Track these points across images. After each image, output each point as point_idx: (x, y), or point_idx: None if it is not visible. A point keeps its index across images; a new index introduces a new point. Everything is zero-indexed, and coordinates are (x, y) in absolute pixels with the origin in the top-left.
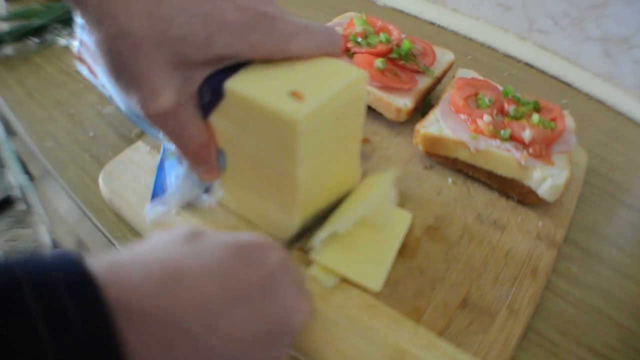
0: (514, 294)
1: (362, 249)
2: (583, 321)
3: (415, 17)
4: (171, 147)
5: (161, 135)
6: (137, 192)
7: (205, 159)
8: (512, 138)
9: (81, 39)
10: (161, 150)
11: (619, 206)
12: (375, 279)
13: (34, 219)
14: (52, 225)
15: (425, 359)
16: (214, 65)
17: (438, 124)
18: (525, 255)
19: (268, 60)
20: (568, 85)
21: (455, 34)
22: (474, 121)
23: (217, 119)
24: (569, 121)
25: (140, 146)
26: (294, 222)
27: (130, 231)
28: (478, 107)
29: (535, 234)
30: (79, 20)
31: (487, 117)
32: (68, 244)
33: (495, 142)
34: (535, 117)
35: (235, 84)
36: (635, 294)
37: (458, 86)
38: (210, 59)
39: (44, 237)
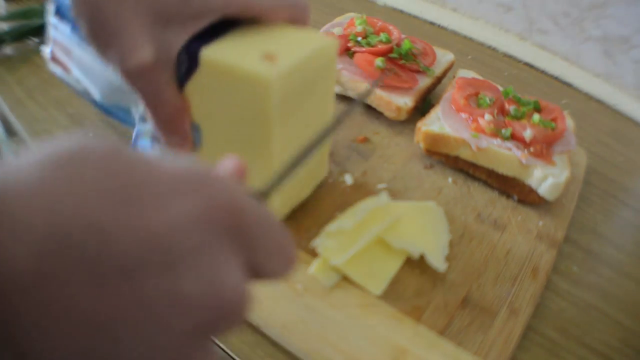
0: (515, 293)
1: (369, 250)
2: (583, 321)
3: (416, 17)
4: (144, 128)
5: (136, 118)
6: None
7: (179, 127)
8: (513, 137)
9: (54, 38)
10: (134, 132)
11: (619, 206)
12: (377, 283)
13: None
14: None
15: (426, 358)
16: (191, 26)
17: (439, 122)
18: (526, 255)
19: (243, 30)
20: (568, 85)
21: (456, 34)
22: (475, 120)
23: (193, 90)
24: (569, 121)
25: None
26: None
27: None
28: (479, 106)
29: (536, 233)
30: (51, 19)
31: (488, 116)
32: None
33: (497, 141)
34: (536, 117)
35: (210, 52)
36: (636, 294)
37: (459, 85)
38: (187, 15)
39: None
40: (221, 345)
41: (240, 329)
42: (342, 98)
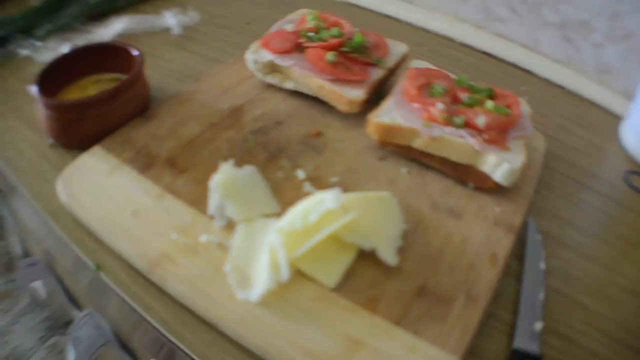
0: (472, 280)
1: (322, 244)
2: (546, 305)
3: (372, 11)
4: None
5: None
6: (93, 196)
7: None
8: (467, 125)
9: None
10: None
11: (581, 189)
12: (331, 276)
13: (6, 231)
14: (22, 236)
15: (382, 348)
16: None
17: (391, 113)
18: (483, 242)
19: None
20: (527, 72)
21: (412, 26)
22: (427, 109)
23: None
24: (525, 107)
25: (97, 151)
26: None
27: (88, 236)
28: (431, 95)
29: (493, 219)
30: None
31: (440, 105)
32: (39, 254)
33: (450, 129)
34: (490, 103)
35: None
36: (597, 275)
37: (410, 76)
38: None
39: (16, 249)
40: (179, 343)
41: (196, 328)
42: (296, 94)
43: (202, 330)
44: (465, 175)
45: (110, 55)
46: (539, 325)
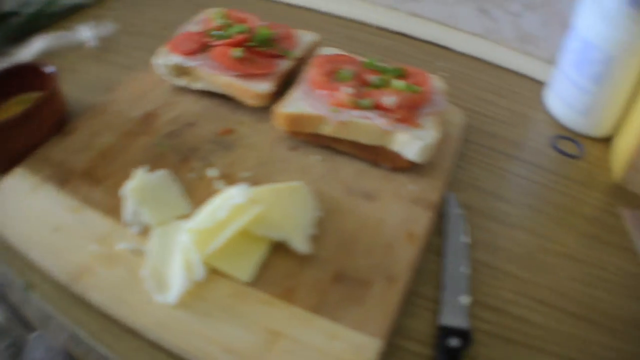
0: (390, 261)
1: (234, 240)
2: (474, 278)
3: (287, 4)
4: None
5: None
6: (17, 216)
7: None
8: (377, 107)
9: None
10: None
11: (507, 160)
12: (245, 270)
13: None
14: None
15: (301, 337)
16: None
17: (297, 102)
18: (400, 221)
19: None
20: (446, 49)
21: (327, 15)
22: (334, 95)
23: None
24: (437, 84)
25: (17, 172)
26: None
27: (17, 256)
28: (339, 81)
29: (410, 198)
30: None
31: (347, 89)
32: None
33: (357, 113)
34: (399, 83)
35: None
36: (527, 244)
37: (316, 63)
38: None
39: None
40: (109, 354)
41: (123, 336)
42: (207, 94)
43: (128, 338)
44: (378, 156)
45: (29, 75)
46: (465, 300)
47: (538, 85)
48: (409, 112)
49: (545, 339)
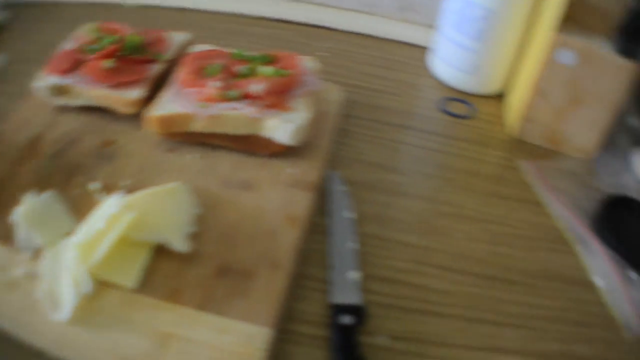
0: (274, 248)
1: (116, 248)
2: (366, 252)
3: (161, 8)
4: None
5: None
6: None
7: None
8: (247, 96)
9: None
10: None
11: (392, 130)
12: (129, 277)
13: None
14: None
15: (191, 336)
16: None
17: (167, 104)
18: (280, 207)
19: None
20: (328, 29)
21: (204, 12)
22: (203, 91)
23: None
24: (310, 64)
25: None
26: None
27: None
28: (208, 76)
29: (289, 182)
30: None
31: (215, 83)
32: None
33: (226, 105)
34: (266, 69)
35: None
36: (422, 211)
37: (184, 62)
38: None
39: None
40: None
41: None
42: (87, 109)
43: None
44: (252, 145)
45: None
46: (354, 275)
47: (423, 51)
48: (277, 97)
49: (449, 304)
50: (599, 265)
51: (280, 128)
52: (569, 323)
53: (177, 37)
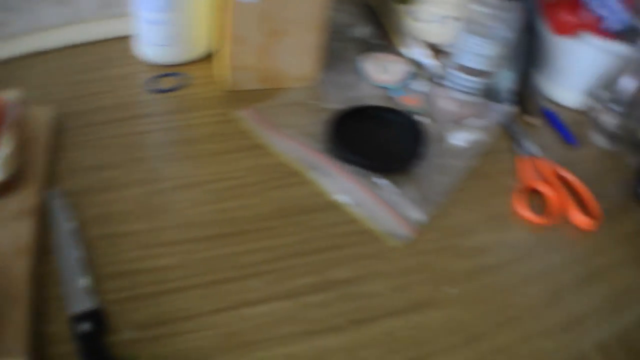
0: (7, 283)
1: None
2: (96, 255)
3: None
4: None
5: None
6: None
7: None
8: None
9: None
10: None
11: (106, 128)
12: None
13: None
14: None
15: None
16: None
17: None
18: (9, 243)
19: None
20: (34, 54)
21: None
22: None
23: None
24: (9, 96)
25: None
26: None
27: None
28: None
29: (11, 216)
30: None
31: None
32: None
33: None
34: None
35: None
36: (140, 196)
37: None
38: None
39: None
40: None
41: None
42: None
43: None
44: None
45: None
46: (83, 282)
47: (128, 41)
48: None
49: (187, 276)
50: (338, 183)
51: None
52: (318, 251)
53: None
